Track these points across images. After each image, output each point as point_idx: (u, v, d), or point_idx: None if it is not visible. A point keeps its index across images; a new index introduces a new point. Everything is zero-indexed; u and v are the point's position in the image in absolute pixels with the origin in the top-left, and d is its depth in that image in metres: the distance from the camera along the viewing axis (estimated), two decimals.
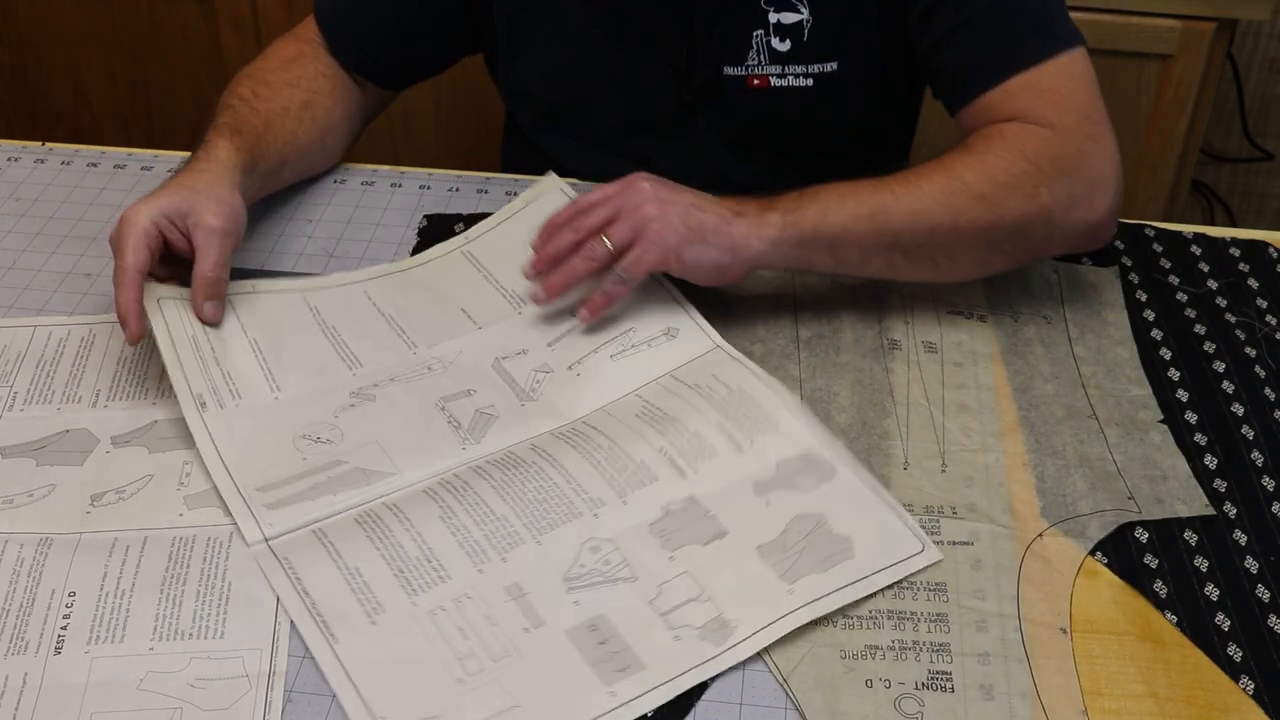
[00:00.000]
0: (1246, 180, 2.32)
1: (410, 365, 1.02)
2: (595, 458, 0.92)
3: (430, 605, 0.84)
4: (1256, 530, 0.91)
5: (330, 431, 0.96)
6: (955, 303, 1.10)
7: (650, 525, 0.88)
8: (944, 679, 0.81)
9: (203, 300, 1.02)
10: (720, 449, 0.93)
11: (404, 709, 0.78)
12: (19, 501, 0.92)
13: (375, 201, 1.22)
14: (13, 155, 1.29)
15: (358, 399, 0.99)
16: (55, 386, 1.02)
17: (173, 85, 2.12)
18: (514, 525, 0.88)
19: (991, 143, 1.04)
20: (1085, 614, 0.86)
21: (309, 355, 1.03)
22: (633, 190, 1.00)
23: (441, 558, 0.86)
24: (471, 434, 0.96)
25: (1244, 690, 0.81)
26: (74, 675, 0.81)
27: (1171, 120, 1.83)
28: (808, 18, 1.14)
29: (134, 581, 0.86)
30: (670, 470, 0.91)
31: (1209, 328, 1.08)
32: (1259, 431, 0.98)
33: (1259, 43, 2.18)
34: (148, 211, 1.01)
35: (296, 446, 0.95)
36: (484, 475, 0.92)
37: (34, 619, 0.84)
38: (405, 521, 0.88)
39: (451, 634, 0.82)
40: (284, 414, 0.97)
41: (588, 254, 1.00)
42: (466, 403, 0.98)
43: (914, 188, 1.01)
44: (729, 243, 0.99)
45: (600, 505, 0.89)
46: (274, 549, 0.88)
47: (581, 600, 0.84)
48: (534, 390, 0.99)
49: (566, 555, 0.86)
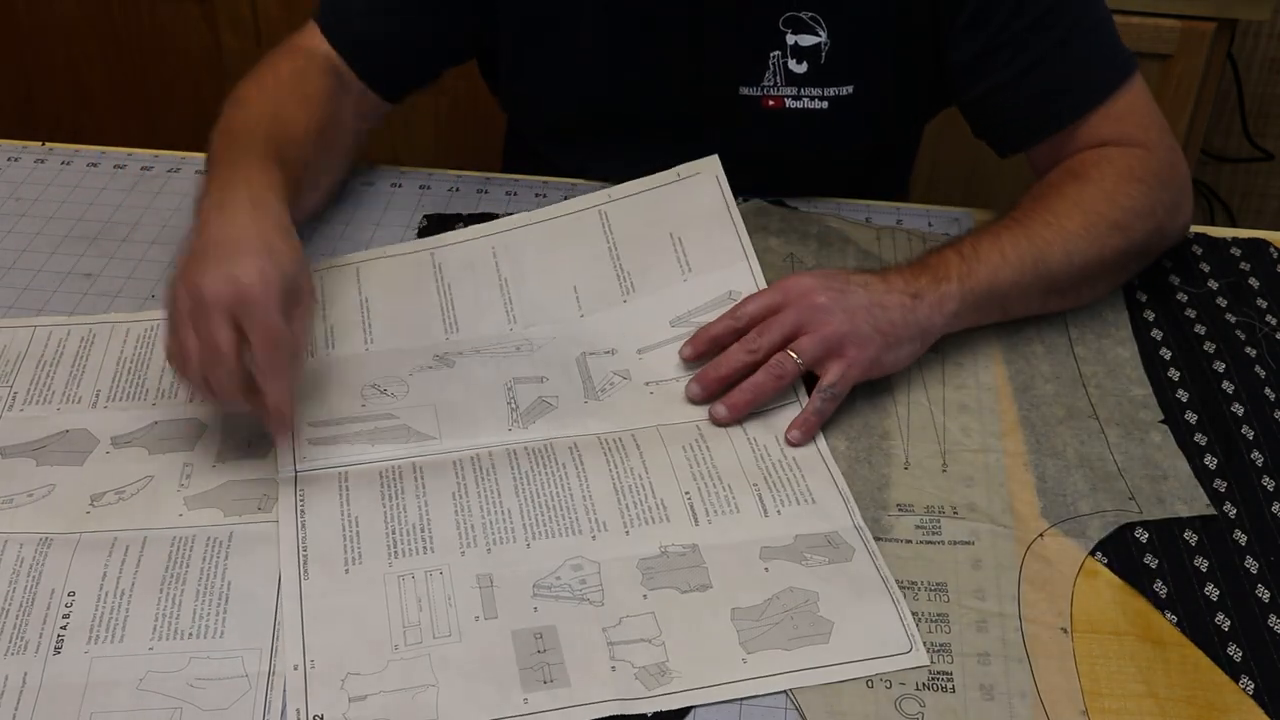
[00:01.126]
0: (1246, 180, 2.32)
1: (500, 340, 1.04)
2: (621, 480, 0.92)
3: (402, 570, 0.86)
4: (1256, 530, 0.91)
5: (398, 387, 0.99)
6: None
7: (640, 560, 0.87)
8: (945, 679, 0.81)
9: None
10: (745, 510, 0.91)
11: (331, 658, 0.81)
12: (19, 501, 0.92)
13: (375, 201, 1.22)
14: (13, 155, 1.29)
15: (437, 363, 1.02)
16: (55, 387, 1.02)
17: (173, 85, 2.12)
18: (514, 522, 0.89)
19: (1103, 170, 1.07)
20: (1085, 614, 0.86)
21: (412, 314, 1.07)
22: (807, 301, 0.97)
23: (435, 530, 0.89)
24: (524, 418, 0.97)
25: (1244, 690, 0.81)
26: (73, 675, 0.81)
27: (1171, 120, 1.81)
28: (825, 41, 1.14)
29: (133, 581, 0.86)
30: (685, 515, 0.90)
31: (1209, 328, 1.08)
32: (1259, 431, 0.98)
33: (1259, 43, 2.18)
34: (276, 280, 0.89)
35: (362, 394, 0.99)
36: (512, 463, 0.93)
37: (34, 619, 0.84)
38: (420, 488, 0.91)
39: (409, 602, 0.84)
40: (365, 364, 1.02)
41: (776, 371, 0.96)
42: (534, 388, 0.99)
43: (1060, 229, 1.03)
44: (918, 331, 0.99)
45: (603, 530, 0.89)
46: (298, 479, 0.92)
47: (540, 608, 0.84)
48: (603, 392, 0.99)
49: (548, 564, 0.87)
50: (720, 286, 1.06)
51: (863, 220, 1.20)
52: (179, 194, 1.23)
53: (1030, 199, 1.07)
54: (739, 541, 0.88)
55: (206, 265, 0.89)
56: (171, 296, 0.91)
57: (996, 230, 1.04)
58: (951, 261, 1.01)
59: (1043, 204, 1.05)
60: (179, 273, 0.91)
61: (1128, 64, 1.11)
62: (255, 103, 1.10)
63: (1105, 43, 1.11)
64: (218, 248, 0.90)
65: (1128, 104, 1.10)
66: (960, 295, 1.00)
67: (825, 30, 1.13)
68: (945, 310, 0.99)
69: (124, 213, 1.21)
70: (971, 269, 1.00)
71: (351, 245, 1.16)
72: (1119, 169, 1.07)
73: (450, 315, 1.07)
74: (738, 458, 0.94)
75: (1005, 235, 1.03)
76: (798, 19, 1.13)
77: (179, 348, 0.89)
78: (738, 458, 0.94)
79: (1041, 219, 1.04)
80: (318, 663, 0.81)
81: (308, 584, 0.86)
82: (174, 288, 0.91)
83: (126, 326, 1.07)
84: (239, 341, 0.88)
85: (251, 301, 0.87)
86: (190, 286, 0.88)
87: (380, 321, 1.06)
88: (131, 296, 1.11)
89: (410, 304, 1.08)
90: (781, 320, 0.97)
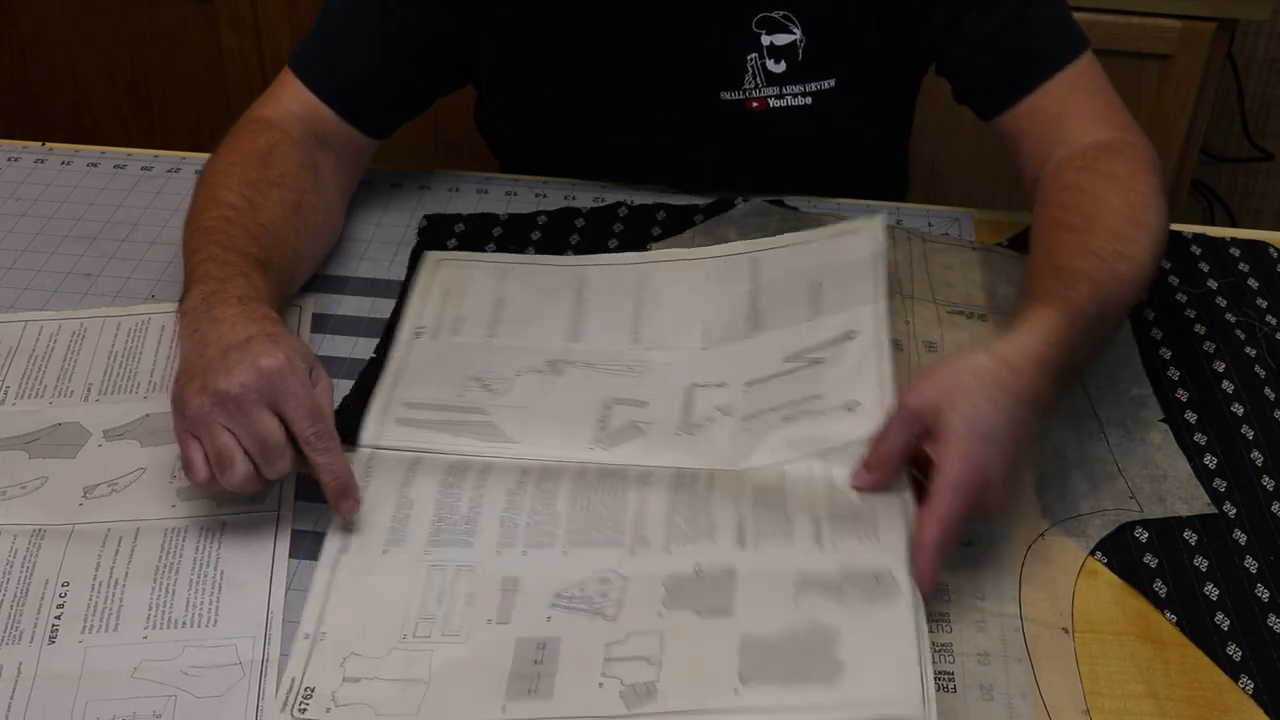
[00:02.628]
0: (1246, 180, 2.32)
1: (615, 359, 1.03)
2: (677, 501, 0.90)
3: (435, 560, 0.87)
4: (1256, 530, 0.91)
5: (501, 384, 1.00)
6: (955, 303, 1.10)
7: (667, 577, 0.85)
8: (946, 679, 0.81)
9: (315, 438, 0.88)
10: (798, 537, 0.86)
11: (341, 635, 0.82)
12: (11, 493, 0.92)
13: (375, 201, 1.22)
14: (13, 155, 1.29)
15: (548, 368, 1.01)
16: (47, 381, 1.02)
17: (173, 85, 2.12)
18: (558, 528, 0.88)
19: (1131, 164, 1.04)
20: (1085, 614, 0.86)
21: (541, 317, 1.06)
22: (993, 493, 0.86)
23: (479, 525, 0.89)
24: (608, 439, 0.95)
25: (1244, 690, 0.81)
26: (68, 664, 0.81)
27: (1171, 120, 1.83)
28: (800, 38, 1.13)
29: (127, 571, 0.87)
30: (732, 536, 0.87)
31: (1209, 328, 1.08)
32: (1259, 431, 0.98)
33: (1259, 43, 2.18)
34: (296, 359, 0.88)
35: (464, 385, 1.00)
36: (579, 477, 0.92)
37: (28, 609, 0.85)
38: (480, 486, 0.91)
39: (431, 595, 0.85)
40: (478, 356, 1.03)
41: None
42: (630, 411, 0.98)
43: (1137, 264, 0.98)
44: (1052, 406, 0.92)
45: (644, 546, 0.87)
46: (374, 456, 0.94)
47: (554, 618, 0.83)
48: (698, 426, 0.96)
49: (577, 575, 0.85)
50: (842, 325, 1.01)
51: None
52: (179, 194, 1.23)
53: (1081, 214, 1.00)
54: (778, 569, 0.84)
55: (220, 369, 0.86)
56: (181, 414, 0.87)
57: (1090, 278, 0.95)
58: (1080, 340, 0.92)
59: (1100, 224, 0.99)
60: (185, 390, 0.87)
61: (1083, 39, 1.11)
62: (228, 192, 1.04)
63: (1062, 17, 1.11)
64: (225, 352, 0.87)
65: (1090, 79, 1.10)
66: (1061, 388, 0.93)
67: (799, 26, 1.13)
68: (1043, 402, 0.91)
69: (124, 213, 1.21)
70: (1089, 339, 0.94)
71: (351, 245, 1.17)
72: (1141, 163, 1.04)
73: (577, 325, 1.06)
74: (811, 495, 0.89)
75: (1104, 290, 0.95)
76: (770, 19, 1.13)
77: (214, 453, 0.85)
78: (811, 495, 0.89)
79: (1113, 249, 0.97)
80: (328, 635, 0.82)
81: (345, 557, 0.87)
82: (182, 405, 0.87)
83: (117, 320, 1.08)
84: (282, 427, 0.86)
85: (284, 381, 0.85)
86: (210, 392, 0.85)
87: (508, 319, 1.06)
88: (131, 296, 1.11)
89: (543, 308, 1.08)
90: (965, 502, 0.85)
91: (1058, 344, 0.90)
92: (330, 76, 1.14)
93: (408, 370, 1.02)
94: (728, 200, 1.20)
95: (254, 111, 1.14)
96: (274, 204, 1.04)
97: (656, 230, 1.18)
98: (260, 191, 1.04)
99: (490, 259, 1.14)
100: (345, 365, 1.04)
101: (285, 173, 1.07)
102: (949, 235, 1.18)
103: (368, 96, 1.15)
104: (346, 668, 0.81)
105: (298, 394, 0.86)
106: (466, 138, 1.48)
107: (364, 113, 1.15)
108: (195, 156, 1.29)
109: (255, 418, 0.85)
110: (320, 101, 1.14)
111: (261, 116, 1.13)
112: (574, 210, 1.20)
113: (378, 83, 1.15)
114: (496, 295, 1.09)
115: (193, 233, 1.02)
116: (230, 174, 1.06)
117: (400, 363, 1.02)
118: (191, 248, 1.00)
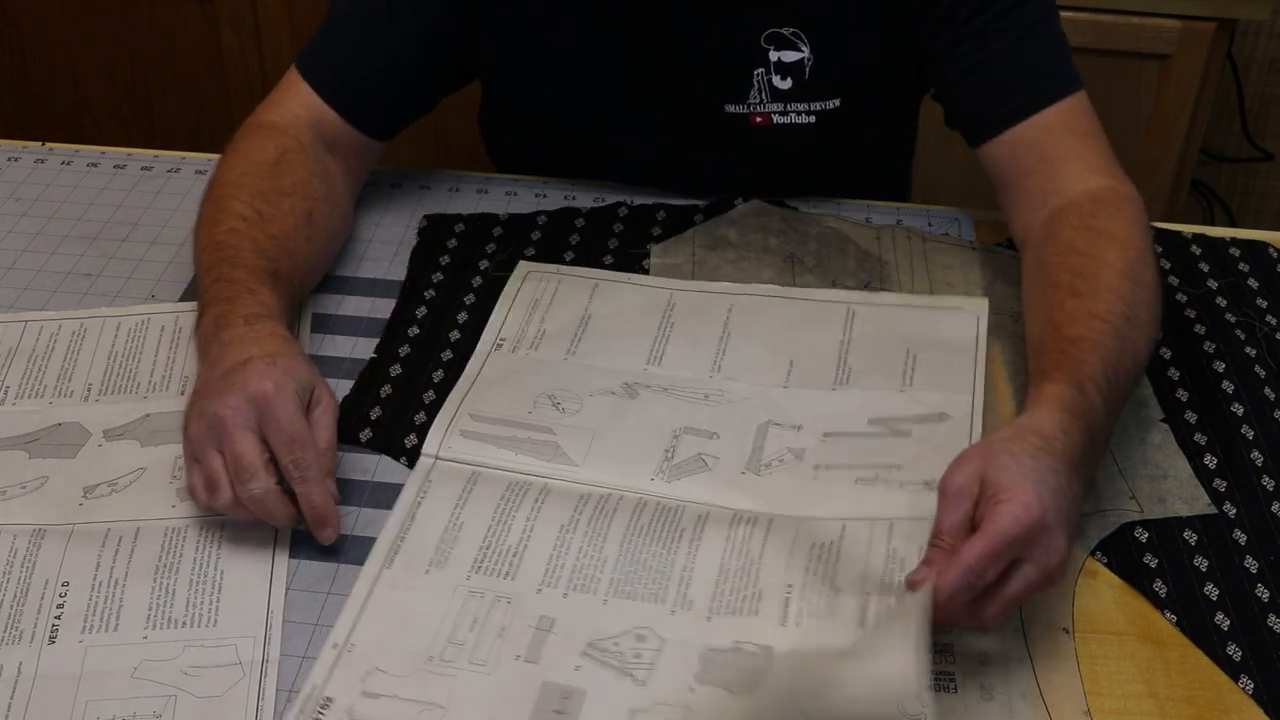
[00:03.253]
0: (1246, 180, 2.32)
1: (693, 386, 1.01)
2: (729, 562, 0.87)
3: (475, 587, 0.86)
4: (1256, 530, 0.91)
5: (572, 404, 0.99)
6: None
7: (706, 650, 0.82)
8: (947, 679, 0.81)
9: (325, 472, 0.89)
10: (843, 616, 0.83)
11: (369, 649, 0.82)
12: (11, 493, 0.92)
13: (375, 201, 1.22)
14: (13, 155, 1.29)
15: (623, 390, 1.00)
16: (47, 381, 1.02)
17: (173, 85, 2.12)
18: (602, 574, 0.87)
19: (1125, 222, 1.01)
20: (1085, 614, 0.86)
21: (625, 338, 1.05)
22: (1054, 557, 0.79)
23: (525, 559, 0.87)
24: (671, 471, 0.94)
25: (1244, 690, 0.81)
26: (68, 664, 0.81)
27: (1171, 120, 1.83)
28: (809, 56, 1.13)
29: (127, 570, 0.87)
30: (777, 612, 0.84)
31: (1209, 328, 1.08)
32: (1259, 431, 0.98)
33: (1259, 43, 2.18)
34: (287, 384, 0.88)
35: (535, 400, 0.99)
36: (635, 513, 0.90)
37: (28, 609, 0.85)
38: (535, 511, 0.90)
39: (465, 620, 0.84)
40: (554, 372, 1.02)
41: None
42: (698, 442, 0.96)
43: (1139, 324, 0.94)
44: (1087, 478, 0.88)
45: (687, 607, 0.84)
46: (435, 467, 0.94)
47: (583, 667, 0.81)
48: (766, 467, 0.94)
49: (614, 626, 0.83)
50: (935, 405, 0.98)
51: (863, 220, 1.20)
52: (179, 194, 1.23)
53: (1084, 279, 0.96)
54: (821, 650, 0.80)
55: (217, 393, 0.88)
56: (185, 438, 0.89)
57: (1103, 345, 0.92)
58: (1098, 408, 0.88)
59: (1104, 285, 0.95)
60: (189, 414, 0.89)
61: (1077, 79, 1.08)
62: (238, 204, 1.04)
63: (1057, 53, 1.09)
64: (224, 375, 0.89)
65: (1079, 114, 1.07)
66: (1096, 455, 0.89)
67: (808, 45, 1.13)
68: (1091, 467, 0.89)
69: (124, 213, 1.21)
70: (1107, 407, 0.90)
71: (351, 245, 1.16)
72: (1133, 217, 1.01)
73: (660, 349, 1.04)
74: (866, 563, 0.86)
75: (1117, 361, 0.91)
76: (779, 35, 1.12)
77: (204, 476, 0.86)
78: (866, 563, 0.86)
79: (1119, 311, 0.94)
80: (356, 648, 0.82)
81: (388, 572, 0.87)
82: (185, 429, 0.89)
83: (117, 320, 1.08)
84: (266, 454, 0.86)
85: (266, 406, 0.86)
86: (205, 415, 0.87)
87: (591, 337, 1.05)
88: (131, 296, 1.11)
89: (628, 329, 1.06)
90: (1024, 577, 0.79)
91: (1077, 413, 0.86)
92: (336, 80, 1.14)
93: (481, 381, 1.01)
94: (727, 200, 1.20)
95: (260, 116, 1.14)
96: (285, 214, 1.05)
97: (656, 230, 1.18)
98: (270, 202, 1.05)
99: (581, 273, 1.12)
100: (345, 365, 1.04)
101: (297, 181, 1.08)
102: (949, 235, 1.18)
103: (373, 99, 1.15)
104: (367, 683, 0.80)
105: (278, 419, 0.86)
106: (467, 138, 1.48)
107: (370, 115, 1.16)
108: (195, 156, 1.29)
109: (237, 439, 0.85)
110: (327, 106, 1.14)
111: (268, 122, 1.13)
112: (574, 210, 1.20)
113: (383, 85, 1.15)
114: (583, 311, 1.08)
115: (203, 249, 1.02)
116: (241, 184, 1.06)
117: (475, 373, 1.02)
118: (203, 266, 1.01)
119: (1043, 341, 0.94)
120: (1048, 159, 1.06)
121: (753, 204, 1.20)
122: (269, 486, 0.86)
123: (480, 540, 0.89)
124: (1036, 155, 1.07)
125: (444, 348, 1.06)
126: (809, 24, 1.12)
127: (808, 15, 1.11)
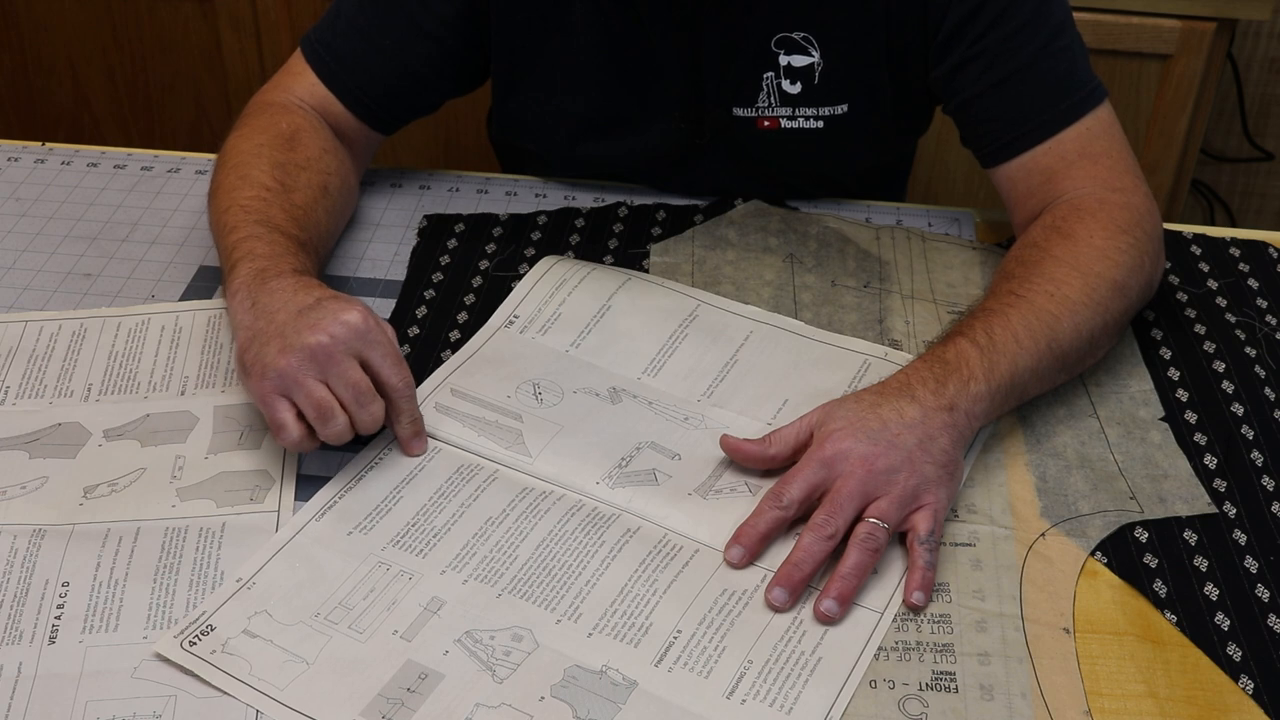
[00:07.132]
0: (1246, 180, 2.32)
1: (677, 406, 1.00)
2: (631, 587, 0.86)
3: (387, 559, 0.87)
4: (1256, 530, 0.91)
5: (553, 395, 1.00)
6: (955, 303, 1.10)
7: (575, 666, 0.81)
8: (948, 679, 0.81)
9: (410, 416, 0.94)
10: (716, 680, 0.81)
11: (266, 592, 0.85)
12: (11, 493, 0.92)
13: (375, 201, 1.22)
14: (13, 155, 1.29)
15: (607, 394, 1.00)
16: (47, 381, 1.02)
17: (173, 85, 2.12)
18: (508, 570, 0.87)
19: (1089, 225, 1.02)
20: (1085, 614, 0.86)
21: (631, 341, 1.05)
22: (863, 469, 0.87)
23: (444, 541, 0.89)
24: (620, 478, 0.93)
25: (1244, 690, 0.81)
26: (68, 664, 0.81)
27: (1171, 120, 1.83)
28: (818, 61, 1.13)
29: (127, 571, 0.87)
30: (655, 651, 0.82)
31: (1209, 328, 1.08)
32: (1259, 431, 0.98)
33: (1259, 43, 2.18)
34: (371, 312, 0.91)
35: (519, 386, 1.00)
36: (567, 515, 0.90)
37: (28, 609, 0.85)
38: (473, 498, 0.92)
39: (362, 588, 0.85)
40: (551, 361, 1.03)
41: (872, 546, 0.86)
42: (659, 459, 0.95)
43: (1064, 300, 0.97)
44: (963, 439, 0.92)
45: (574, 619, 0.84)
46: None
47: (452, 653, 0.81)
48: (718, 494, 0.92)
49: (497, 622, 0.83)
50: None
51: (863, 220, 1.20)
52: (179, 194, 1.23)
53: (1024, 266, 1.01)
54: (681, 707, 0.79)
55: (301, 328, 0.89)
56: (263, 377, 0.89)
57: (1004, 311, 0.97)
58: (972, 358, 0.93)
59: (1039, 271, 0.99)
60: (263, 354, 0.89)
61: (1095, 94, 1.07)
62: (260, 173, 1.05)
63: (1073, 69, 1.07)
64: (300, 314, 0.90)
65: (1095, 135, 1.06)
66: (989, 394, 0.93)
67: (818, 50, 1.13)
68: (978, 412, 0.93)
69: (124, 213, 1.21)
70: (994, 363, 0.94)
71: (352, 245, 1.17)
72: (1104, 222, 1.02)
73: (661, 361, 1.03)
74: (767, 625, 0.84)
75: (1015, 316, 0.96)
76: (790, 39, 1.12)
77: (315, 405, 0.88)
78: (767, 625, 0.84)
79: (1043, 290, 0.98)
80: (256, 587, 0.85)
81: (315, 525, 0.89)
82: (263, 368, 0.89)
83: (117, 320, 1.08)
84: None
85: (370, 332, 0.90)
86: (299, 350, 0.88)
87: (601, 333, 1.05)
88: (131, 296, 1.11)
89: (640, 331, 1.06)
90: (848, 495, 0.87)
91: (937, 359, 0.93)
92: (346, 74, 1.15)
93: (478, 358, 1.03)
94: (727, 200, 1.20)
95: (266, 96, 1.15)
96: (304, 186, 1.07)
97: (656, 230, 1.18)
98: (290, 174, 1.07)
99: (616, 269, 1.12)
100: None
101: (311, 156, 1.10)
102: (949, 235, 1.18)
103: (381, 96, 1.16)
104: (251, 622, 0.83)
105: (383, 343, 0.90)
106: (468, 138, 1.48)
107: (376, 111, 1.17)
108: (195, 156, 1.29)
109: (346, 367, 0.88)
110: (333, 96, 1.15)
111: (276, 101, 1.14)
112: (574, 210, 1.21)
113: (392, 84, 1.16)
114: (605, 300, 1.08)
115: (226, 209, 1.03)
116: (260, 155, 1.07)
117: (475, 348, 1.04)
118: (228, 225, 1.01)
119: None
120: (1055, 182, 1.06)
121: (753, 204, 1.20)
122: (383, 406, 0.90)
123: (409, 517, 0.90)
124: (1044, 179, 1.07)
125: (444, 347, 1.06)
126: (819, 29, 1.12)
127: (818, 21, 1.12)
